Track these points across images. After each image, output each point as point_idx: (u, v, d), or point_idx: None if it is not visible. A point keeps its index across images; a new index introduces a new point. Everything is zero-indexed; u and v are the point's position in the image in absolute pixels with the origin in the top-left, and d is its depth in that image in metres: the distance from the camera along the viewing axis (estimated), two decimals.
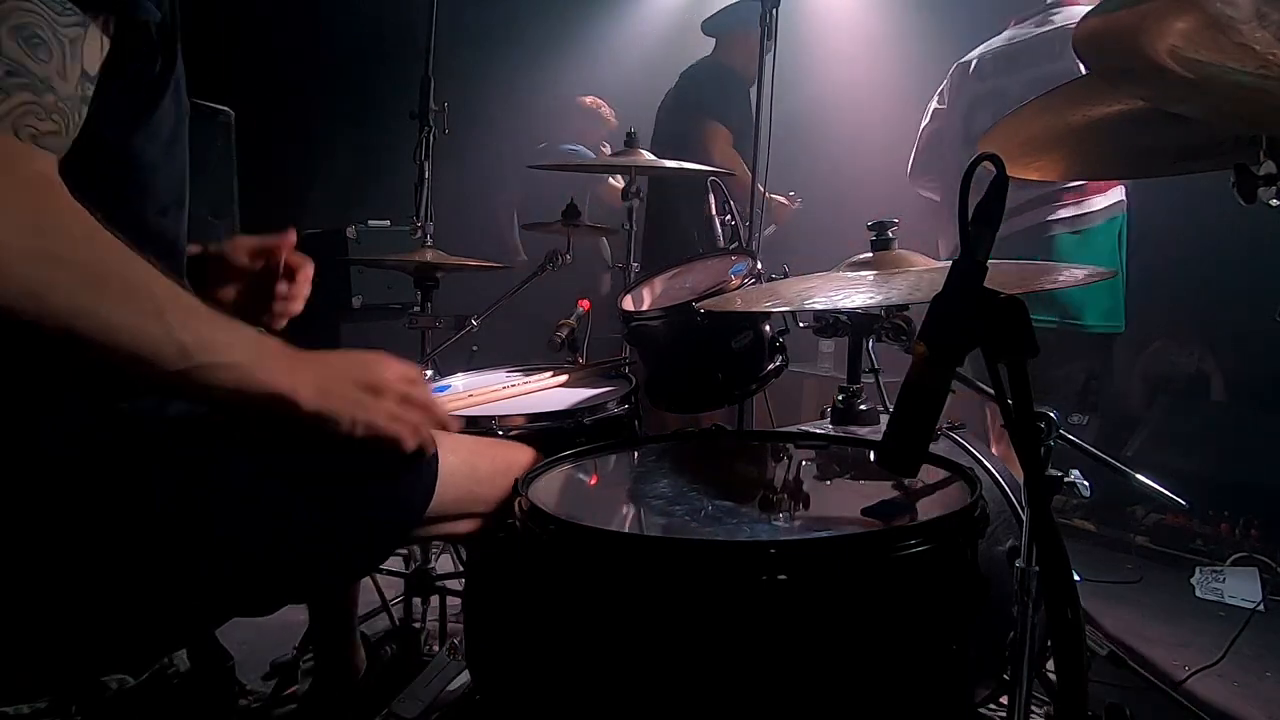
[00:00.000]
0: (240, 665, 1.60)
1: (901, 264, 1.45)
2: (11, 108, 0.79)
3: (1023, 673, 1.09)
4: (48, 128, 0.82)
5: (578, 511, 1.16)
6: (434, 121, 2.51)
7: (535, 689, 1.12)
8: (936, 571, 0.96)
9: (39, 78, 0.81)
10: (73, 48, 0.84)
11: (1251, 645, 2.47)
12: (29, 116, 0.80)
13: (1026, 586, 1.08)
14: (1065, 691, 0.86)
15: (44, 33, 0.81)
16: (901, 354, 1.48)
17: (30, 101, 0.80)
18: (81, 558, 0.96)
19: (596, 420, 1.56)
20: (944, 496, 1.13)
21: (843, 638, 0.93)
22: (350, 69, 4.62)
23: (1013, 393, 0.84)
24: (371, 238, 3.70)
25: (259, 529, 1.05)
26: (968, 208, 0.87)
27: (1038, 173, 1.43)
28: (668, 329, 1.69)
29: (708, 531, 1.04)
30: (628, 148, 2.50)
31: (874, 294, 1.36)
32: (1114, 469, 1.52)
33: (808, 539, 1.01)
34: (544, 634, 1.08)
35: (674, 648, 0.94)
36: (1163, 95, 0.99)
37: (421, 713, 1.81)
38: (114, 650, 1.05)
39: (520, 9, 5.19)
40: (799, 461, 1.36)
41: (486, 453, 1.34)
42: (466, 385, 1.91)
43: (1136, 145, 1.30)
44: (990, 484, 1.44)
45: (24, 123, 0.80)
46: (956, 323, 0.88)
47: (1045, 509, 0.90)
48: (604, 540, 0.99)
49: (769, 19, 2.42)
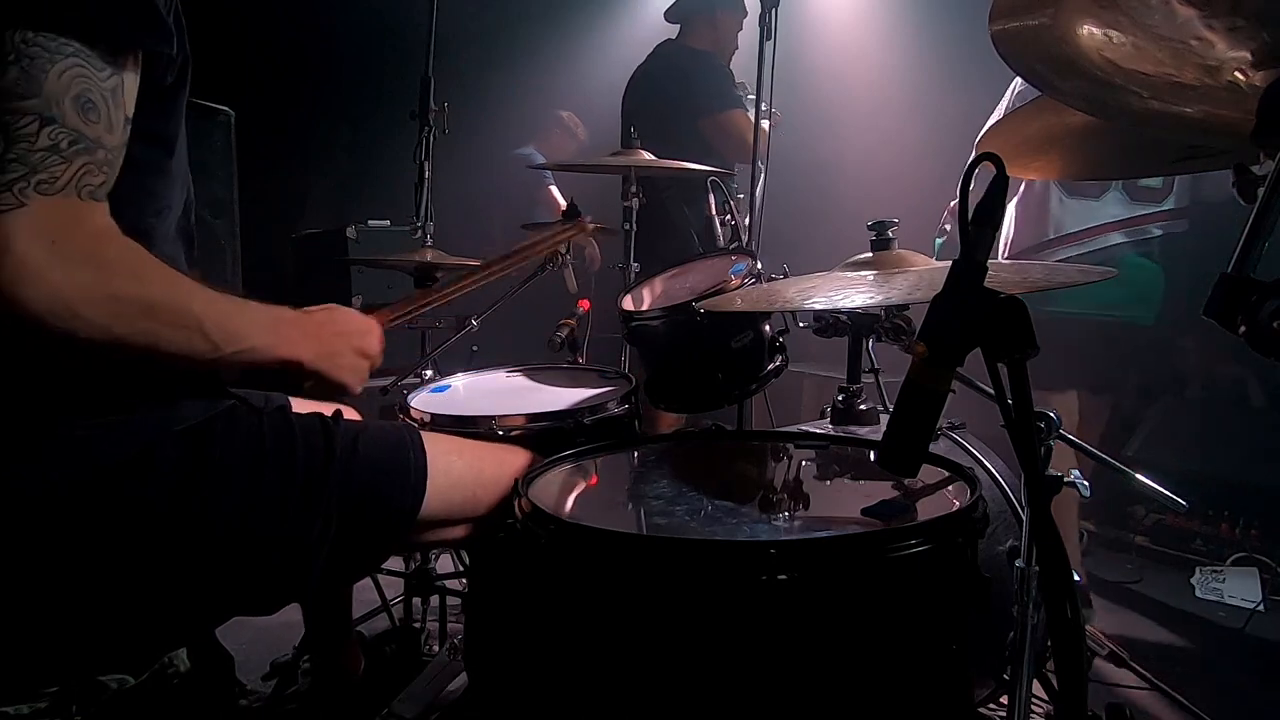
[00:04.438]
0: (240, 665, 1.60)
1: (901, 264, 1.45)
2: (74, 172, 0.89)
3: (1023, 673, 1.09)
4: (100, 180, 0.92)
5: (577, 511, 1.16)
6: (434, 121, 2.51)
7: (535, 689, 1.12)
8: (936, 571, 0.96)
9: (92, 139, 0.90)
10: (114, 98, 0.93)
11: (1251, 645, 2.48)
12: (86, 176, 0.90)
13: (1026, 586, 1.08)
14: (1065, 691, 0.86)
15: (94, 95, 0.90)
16: (901, 354, 1.48)
17: (87, 163, 0.90)
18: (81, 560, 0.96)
19: (596, 420, 1.55)
20: (944, 496, 1.13)
21: (843, 638, 0.93)
22: (350, 69, 4.62)
23: (1013, 393, 0.84)
24: (371, 238, 3.70)
25: (256, 531, 1.05)
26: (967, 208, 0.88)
27: (1038, 173, 1.43)
28: (668, 329, 1.69)
29: (708, 531, 1.04)
30: (628, 148, 2.50)
31: (874, 294, 1.36)
32: (1114, 469, 1.52)
33: (808, 539, 1.00)
34: (544, 634, 1.08)
35: (674, 648, 0.94)
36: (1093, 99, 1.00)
37: (421, 713, 1.80)
38: (111, 650, 1.06)
39: (520, 10, 5.20)
40: (799, 461, 1.36)
41: (489, 456, 1.34)
42: (466, 385, 1.91)
43: (1136, 145, 1.30)
44: (990, 484, 1.44)
45: (83, 183, 0.90)
46: (956, 323, 0.88)
47: (1045, 509, 0.90)
48: (604, 540, 0.99)
49: (769, 19, 2.42)
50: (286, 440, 1.11)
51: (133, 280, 0.93)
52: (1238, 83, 0.88)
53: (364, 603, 2.37)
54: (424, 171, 2.50)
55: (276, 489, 1.08)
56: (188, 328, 0.97)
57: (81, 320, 0.87)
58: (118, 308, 0.90)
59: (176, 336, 0.96)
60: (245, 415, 1.12)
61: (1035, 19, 0.90)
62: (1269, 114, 0.80)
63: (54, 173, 0.87)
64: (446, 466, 1.24)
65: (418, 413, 1.59)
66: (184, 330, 0.96)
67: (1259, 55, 0.84)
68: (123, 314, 0.91)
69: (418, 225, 2.48)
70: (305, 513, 1.09)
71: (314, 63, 4.52)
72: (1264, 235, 0.74)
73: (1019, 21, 0.91)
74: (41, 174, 0.86)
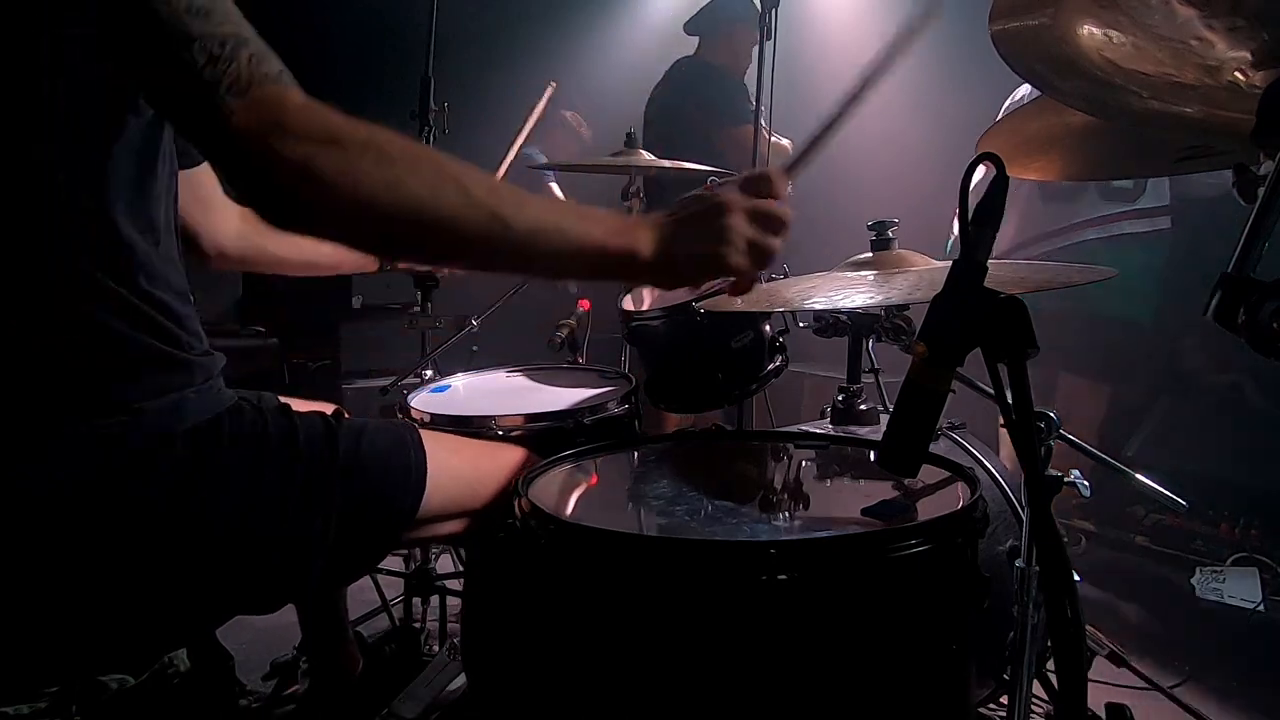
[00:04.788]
0: (240, 665, 1.60)
1: (901, 264, 1.45)
2: (247, 66, 0.82)
3: (1023, 673, 1.09)
4: (278, 66, 0.86)
5: (578, 511, 1.16)
6: (434, 121, 2.51)
7: (534, 689, 1.12)
8: (936, 571, 0.96)
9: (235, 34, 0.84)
10: None
11: (1251, 645, 2.47)
12: (262, 65, 0.84)
13: (1026, 586, 1.08)
14: (1065, 691, 0.86)
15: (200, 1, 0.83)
16: (901, 354, 1.48)
17: (251, 54, 0.83)
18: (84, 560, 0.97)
19: (596, 420, 1.55)
20: (944, 496, 1.12)
21: (843, 638, 0.93)
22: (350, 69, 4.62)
23: (1013, 393, 0.84)
24: None
25: (256, 531, 1.06)
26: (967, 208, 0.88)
27: (1038, 173, 1.43)
28: (668, 329, 1.69)
29: (708, 531, 1.04)
30: (627, 148, 2.50)
31: (874, 294, 1.36)
32: (1114, 469, 1.52)
33: (808, 539, 1.00)
34: (543, 634, 1.08)
35: (674, 648, 0.94)
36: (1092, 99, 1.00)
37: (421, 713, 1.80)
38: (113, 649, 1.06)
39: (520, 10, 5.19)
40: (799, 461, 1.36)
41: (487, 453, 1.35)
42: (466, 385, 1.91)
43: (1137, 145, 1.30)
44: (990, 484, 1.44)
45: (264, 70, 0.84)
46: (956, 323, 0.88)
47: (1045, 509, 0.90)
48: (604, 540, 0.99)
49: (769, 19, 2.42)
50: (289, 440, 1.11)
51: (365, 134, 0.85)
52: (1238, 83, 0.88)
53: (364, 603, 2.37)
54: None
55: (278, 489, 1.08)
56: (448, 179, 0.86)
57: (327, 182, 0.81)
58: (359, 161, 0.83)
59: (433, 190, 0.85)
60: (249, 414, 1.12)
61: (1035, 19, 0.90)
62: (1269, 114, 0.80)
63: (232, 74, 0.81)
64: (445, 464, 1.24)
65: (418, 413, 1.59)
66: (444, 182, 0.86)
67: (1259, 55, 0.84)
68: (366, 166, 0.83)
69: None
70: (306, 513, 1.09)
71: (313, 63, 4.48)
72: (1264, 235, 0.74)
73: (1019, 21, 0.91)
74: (224, 82, 0.81)
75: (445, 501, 1.24)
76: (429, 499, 1.21)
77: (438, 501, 1.22)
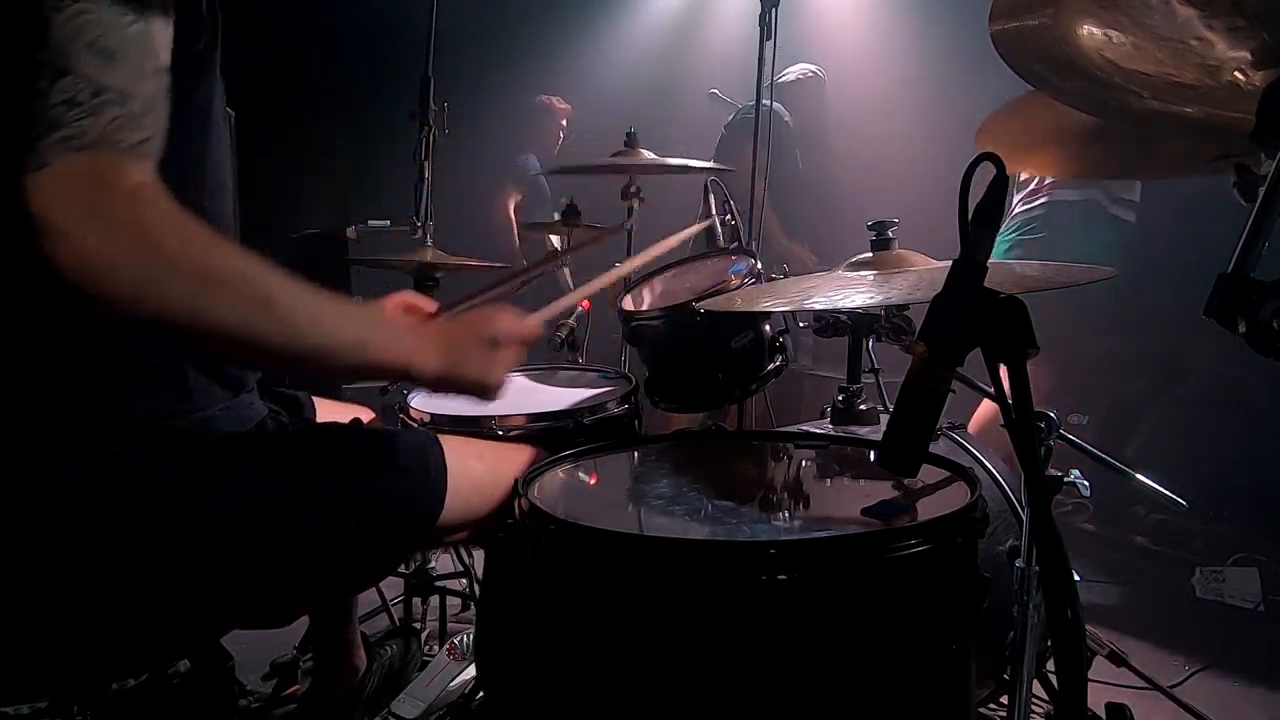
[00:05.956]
0: (240, 665, 1.60)
1: (901, 264, 1.45)
2: (103, 126, 0.80)
3: (1023, 673, 1.09)
4: (139, 136, 0.83)
5: (578, 511, 1.16)
6: (434, 121, 2.51)
7: (537, 688, 1.12)
8: (936, 571, 0.96)
9: (119, 90, 0.81)
10: (141, 45, 0.84)
11: (1251, 645, 2.48)
12: (120, 131, 0.81)
13: (1026, 586, 1.08)
14: (1065, 691, 0.86)
15: (112, 41, 0.81)
16: (901, 354, 1.48)
17: (118, 116, 0.80)
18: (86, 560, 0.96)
19: (596, 420, 1.55)
20: (944, 496, 1.12)
21: (843, 638, 0.93)
22: (350, 69, 4.62)
23: (1013, 393, 0.84)
24: (371, 238, 3.71)
25: (256, 532, 1.05)
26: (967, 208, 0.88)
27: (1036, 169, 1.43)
28: (668, 329, 1.69)
29: (708, 531, 1.04)
30: (628, 148, 2.50)
31: (874, 294, 1.36)
32: (1114, 469, 1.52)
33: (808, 539, 1.00)
34: (544, 634, 1.08)
35: (674, 648, 0.94)
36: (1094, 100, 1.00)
37: (421, 713, 1.81)
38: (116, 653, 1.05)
39: (520, 10, 5.19)
40: (799, 461, 1.36)
41: (507, 457, 1.34)
42: None
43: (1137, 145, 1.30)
44: (990, 484, 1.44)
45: (116, 138, 0.81)
46: (956, 323, 0.88)
47: (1045, 509, 0.90)
48: (604, 540, 0.99)
49: (769, 19, 2.42)
50: (289, 440, 1.11)
51: (181, 243, 0.82)
52: (1238, 83, 0.88)
53: (364, 603, 2.37)
54: (424, 171, 2.50)
55: (278, 489, 1.07)
56: (253, 302, 0.86)
57: (119, 286, 0.78)
58: (160, 274, 0.80)
59: (235, 313, 0.84)
60: (256, 416, 1.11)
61: (1035, 19, 0.90)
62: (1269, 114, 0.80)
63: (78, 128, 0.78)
64: (467, 471, 1.23)
65: (418, 413, 1.59)
66: (247, 305, 0.85)
67: (1259, 55, 0.84)
68: (166, 281, 0.80)
69: (418, 225, 2.48)
70: (306, 513, 1.08)
71: (314, 63, 4.52)
72: (1264, 235, 0.74)
73: (1019, 21, 0.91)
74: (64, 130, 0.77)
75: (466, 507, 1.23)
76: (450, 505, 1.19)
77: (460, 508, 1.21)
